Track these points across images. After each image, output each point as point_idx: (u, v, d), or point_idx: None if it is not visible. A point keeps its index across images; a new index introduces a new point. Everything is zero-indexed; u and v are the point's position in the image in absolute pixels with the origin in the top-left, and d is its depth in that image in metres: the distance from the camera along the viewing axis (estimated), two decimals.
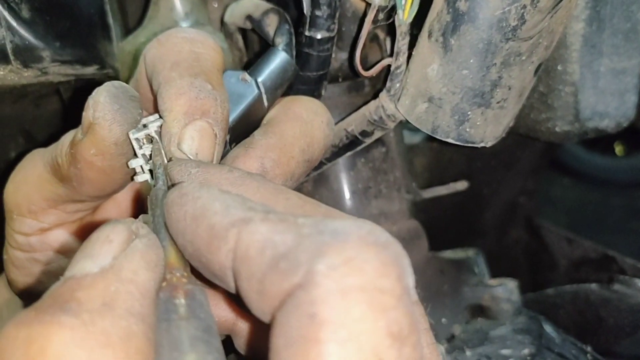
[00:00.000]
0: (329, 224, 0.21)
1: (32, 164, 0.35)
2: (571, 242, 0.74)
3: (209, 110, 0.29)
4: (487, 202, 0.78)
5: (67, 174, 0.32)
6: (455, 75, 0.39)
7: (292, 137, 0.33)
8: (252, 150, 0.32)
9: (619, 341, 0.56)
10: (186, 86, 0.29)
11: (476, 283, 0.55)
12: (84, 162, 0.31)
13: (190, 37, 0.32)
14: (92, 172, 0.31)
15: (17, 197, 0.35)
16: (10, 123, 0.49)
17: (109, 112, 0.29)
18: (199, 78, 0.30)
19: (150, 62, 0.32)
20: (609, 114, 0.52)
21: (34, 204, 0.34)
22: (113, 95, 0.30)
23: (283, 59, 0.38)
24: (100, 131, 0.29)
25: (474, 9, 0.37)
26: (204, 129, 0.29)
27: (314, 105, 0.36)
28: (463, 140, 0.41)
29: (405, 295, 0.20)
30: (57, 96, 0.49)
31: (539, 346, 0.48)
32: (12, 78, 0.40)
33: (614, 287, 0.58)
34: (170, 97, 0.29)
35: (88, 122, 0.30)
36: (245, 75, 0.36)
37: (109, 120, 0.29)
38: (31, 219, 0.35)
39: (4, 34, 0.38)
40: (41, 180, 0.34)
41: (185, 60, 0.31)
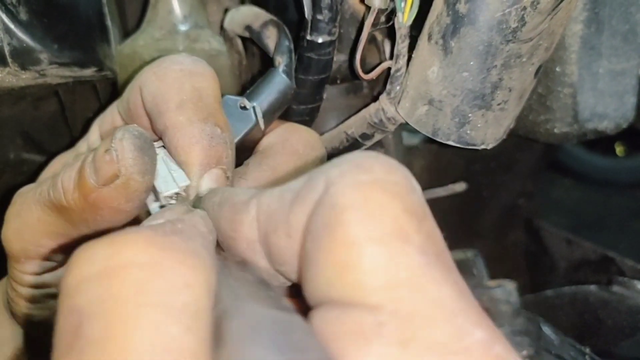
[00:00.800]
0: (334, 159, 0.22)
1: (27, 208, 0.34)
2: (570, 243, 0.74)
3: (222, 156, 0.30)
4: (486, 204, 0.77)
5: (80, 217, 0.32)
6: (455, 77, 0.39)
7: (286, 172, 0.34)
8: (243, 182, 0.32)
9: (618, 343, 0.56)
10: (198, 134, 0.30)
11: (475, 284, 0.54)
12: (109, 209, 0.30)
13: (189, 70, 0.32)
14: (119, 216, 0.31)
15: (22, 244, 0.34)
16: (9, 125, 0.48)
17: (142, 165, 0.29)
18: (208, 123, 0.30)
19: (151, 99, 0.32)
20: (608, 115, 0.52)
21: (43, 247, 0.34)
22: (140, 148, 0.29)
23: (283, 83, 0.38)
24: (134, 185, 0.29)
25: (474, 11, 0.37)
26: (219, 177, 0.30)
27: (312, 139, 0.36)
28: (464, 142, 0.41)
29: (414, 189, 0.21)
30: (55, 98, 0.49)
31: (538, 348, 0.48)
32: (10, 80, 0.40)
33: (613, 289, 0.58)
34: (184, 148, 0.30)
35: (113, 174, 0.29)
36: (245, 102, 0.36)
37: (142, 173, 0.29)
38: (41, 260, 0.35)
39: (1, 37, 0.38)
40: (43, 224, 0.33)
41: (190, 100, 0.31)
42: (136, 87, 0.33)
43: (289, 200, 0.21)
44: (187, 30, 0.46)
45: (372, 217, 0.19)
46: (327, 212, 0.20)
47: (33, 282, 0.35)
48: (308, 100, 0.44)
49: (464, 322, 0.19)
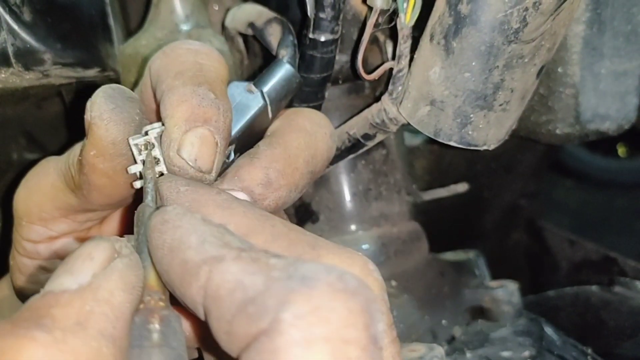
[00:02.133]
0: (299, 267, 0.21)
1: (45, 172, 0.35)
2: (572, 244, 0.74)
3: (210, 118, 0.29)
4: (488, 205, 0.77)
5: (77, 182, 0.32)
6: (457, 78, 0.39)
7: (297, 149, 0.33)
8: (257, 161, 0.32)
9: (620, 343, 0.56)
10: (189, 94, 0.30)
11: (477, 285, 0.55)
12: (88, 166, 0.31)
13: (195, 49, 0.32)
14: (96, 176, 0.31)
15: (29, 205, 0.35)
16: (12, 125, 0.49)
17: (105, 111, 0.30)
18: (202, 87, 0.30)
19: (155, 73, 0.32)
20: (610, 116, 0.52)
21: (46, 212, 0.34)
22: (109, 95, 0.30)
23: (288, 71, 0.38)
24: (97, 131, 0.30)
25: (476, 12, 0.37)
26: (204, 136, 0.29)
27: (317, 117, 0.36)
28: (465, 143, 0.41)
29: (370, 345, 0.20)
30: (58, 98, 0.49)
31: (540, 348, 0.48)
32: (13, 81, 0.40)
33: (615, 289, 0.58)
34: (172, 103, 0.29)
35: (87, 123, 0.30)
36: (251, 86, 0.36)
37: (105, 119, 0.30)
38: (41, 226, 0.35)
39: (5, 37, 0.38)
40: (54, 189, 0.34)
41: (189, 69, 0.31)
42: (147, 67, 0.33)
43: (238, 302, 0.21)
44: (189, 30, 0.46)
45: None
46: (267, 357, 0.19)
47: (29, 249, 0.36)
48: (310, 98, 0.44)
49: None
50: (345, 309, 0.20)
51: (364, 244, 0.50)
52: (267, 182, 0.31)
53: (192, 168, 0.29)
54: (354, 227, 0.51)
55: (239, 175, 0.31)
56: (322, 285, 0.20)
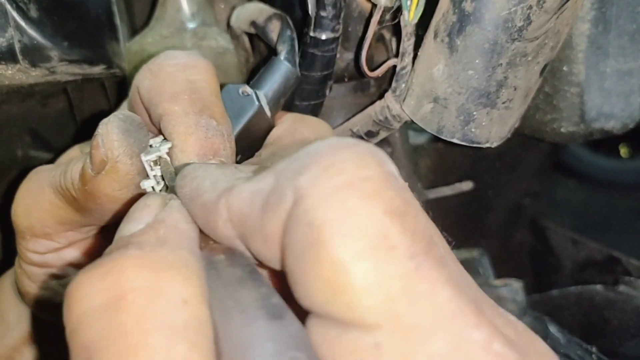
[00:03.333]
0: (302, 150, 0.21)
1: (40, 189, 0.34)
2: (576, 243, 0.74)
3: (219, 148, 0.30)
4: (492, 204, 0.77)
5: (85, 207, 0.32)
6: (460, 75, 0.39)
7: None
8: None
9: (624, 342, 0.56)
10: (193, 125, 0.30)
11: (481, 284, 0.54)
12: (107, 198, 0.31)
13: (183, 64, 0.32)
14: (117, 205, 0.31)
15: (30, 221, 0.35)
16: (17, 122, 0.49)
17: (127, 147, 0.29)
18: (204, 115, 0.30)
19: (146, 94, 0.32)
20: (614, 115, 0.52)
21: (49, 227, 0.34)
22: (124, 130, 0.29)
23: (285, 69, 0.38)
24: (123, 168, 0.29)
25: (480, 10, 0.37)
26: None
27: (320, 127, 0.36)
28: (468, 140, 0.41)
29: (390, 177, 0.20)
30: (64, 95, 0.49)
31: None
32: (19, 77, 0.40)
33: (619, 289, 0.58)
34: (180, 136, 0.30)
35: (101, 160, 0.29)
36: (246, 88, 0.36)
37: (129, 155, 0.29)
38: (46, 239, 0.35)
39: (12, 34, 0.38)
40: (54, 206, 0.33)
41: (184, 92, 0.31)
42: (134, 85, 0.33)
43: (259, 205, 0.21)
44: (195, 28, 0.46)
45: (353, 230, 0.19)
46: (304, 229, 0.19)
47: (36, 260, 0.36)
48: (311, 96, 0.44)
49: (462, 326, 0.18)
50: (355, 155, 0.20)
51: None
52: None
53: None
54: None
55: None
56: (326, 148, 0.21)
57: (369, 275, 0.18)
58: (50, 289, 0.37)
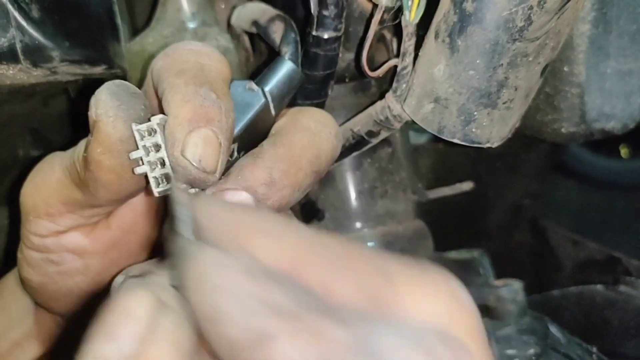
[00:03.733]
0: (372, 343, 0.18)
1: (51, 167, 0.35)
2: (576, 243, 0.74)
3: (213, 118, 0.29)
4: (492, 204, 0.78)
5: (83, 178, 0.32)
6: (461, 75, 0.39)
7: (301, 148, 0.33)
8: (260, 161, 0.31)
9: (625, 343, 0.56)
10: (191, 93, 0.29)
11: (481, 284, 0.55)
12: (94, 163, 0.31)
13: (197, 49, 0.33)
14: (103, 173, 0.31)
15: (35, 200, 0.35)
16: (19, 122, 0.49)
17: (111, 108, 0.29)
18: (204, 87, 0.30)
19: (157, 73, 0.32)
20: (615, 115, 0.52)
21: (52, 207, 0.35)
22: (113, 92, 0.30)
23: (290, 68, 0.38)
24: (104, 128, 0.30)
25: (481, 10, 0.37)
26: (208, 137, 0.29)
27: (322, 117, 0.36)
28: (469, 140, 0.41)
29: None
30: (65, 95, 0.50)
31: (545, 347, 0.48)
32: (21, 77, 0.40)
33: (620, 289, 0.58)
34: (176, 102, 0.29)
35: (92, 121, 0.30)
36: (252, 85, 0.36)
37: (111, 116, 0.29)
38: (48, 221, 0.35)
39: (13, 34, 0.39)
40: (60, 184, 0.34)
41: (191, 69, 0.31)
42: (149, 68, 0.33)
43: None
44: (195, 28, 0.46)
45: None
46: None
47: (37, 244, 0.36)
48: (313, 95, 0.44)
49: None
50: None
51: (369, 242, 0.51)
52: (271, 182, 0.31)
53: (196, 169, 0.29)
54: (360, 225, 0.51)
55: (242, 175, 0.31)
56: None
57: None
58: (47, 275, 0.37)
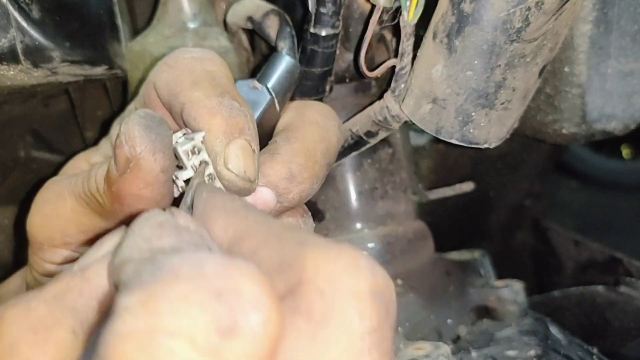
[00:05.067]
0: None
1: (60, 197, 0.34)
2: (578, 244, 0.73)
3: (244, 127, 0.30)
4: (493, 205, 0.77)
5: (111, 211, 0.32)
6: (459, 76, 0.39)
7: (314, 142, 0.34)
8: (278, 156, 0.32)
9: (625, 343, 0.56)
10: (216, 106, 0.30)
11: (482, 284, 0.55)
12: (132, 198, 0.30)
13: (199, 57, 0.33)
14: (143, 204, 0.31)
15: (49, 231, 0.34)
16: (19, 122, 0.49)
17: (149, 143, 0.29)
18: (225, 97, 0.30)
19: (165, 87, 0.32)
20: (616, 116, 0.52)
21: (70, 237, 0.34)
22: (146, 126, 0.29)
23: (288, 63, 0.38)
24: (146, 165, 0.29)
25: (479, 11, 0.37)
26: (245, 147, 0.30)
27: (326, 110, 0.37)
28: (467, 141, 0.41)
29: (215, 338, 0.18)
30: (65, 96, 0.50)
31: (545, 347, 0.48)
32: (22, 78, 0.40)
33: (621, 290, 0.58)
34: (204, 117, 0.30)
35: (125, 158, 0.29)
36: (256, 83, 0.36)
37: (151, 151, 0.29)
38: (65, 249, 0.35)
39: (14, 34, 0.39)
40: (77, 214, 0.33)
41: (203, 79, 0.31)
42: (149, 82, 0.33)
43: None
44: (196, 28, 0.46)
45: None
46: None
47: (53, 271, 0.36)
48: (311, 92, 0.44)
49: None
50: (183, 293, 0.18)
51: (369, 243, 0.51)
52: (291, 176, 0.32)
53: (242, 180, 0.29)
54: (360, 226, 0.51)
55: (262, 172, 0.31)
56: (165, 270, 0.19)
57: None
58: None
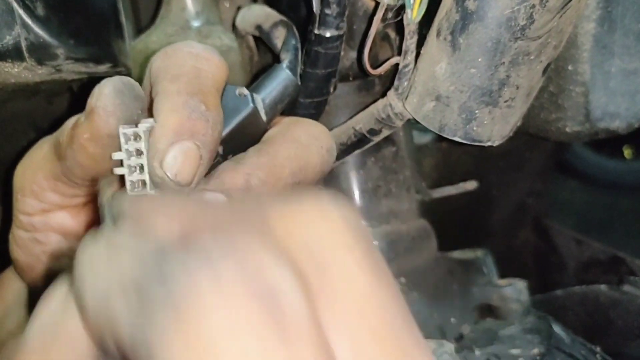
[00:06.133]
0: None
1: (39, 146, 0.36)
2: (580, 243, 0.73)
3: (198, 131, 0.30)
4: (496, 203, 0.77)
5: (64, 152, 0.33)
6: (463, 74, 0.39)
7: (284, 159, 0.34)
8: (240, 166, 0.32)
9: (628, 343, 0.56)
10: (180, 104, 0.30)
11: (485, 283, 0.55)
12: (78, 144, 0.32)
13: (196, 52, 0.33)
14: (83, 156, 0.32)
15: (23, 179, 0.37)
16: (23, 119, 0.49)
17: (110, 104, 0.30)
18: (194, 97, 0.31)
19: (154, 72, 0.33)
20: (619, 114, 0.52)
21: (36, 183, 0.36)
22: (118, 89, 0.31)
23: (285, 77, 0.39)
24: (97, 120, 0.31)
25: (483, 8, 0.37)
26: (189, 150, 0.30)
27: (315, 129, 0.36)
28: (470, 138, 0.41)
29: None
30: (69, 94, 0.50)
31: (549, 346, 0.48)
32: (26, 75, 0.40)
33: (624, 289, 0.58)
34: (164, 111, 0.30)
35: (89, 108, 0.31)
36: (243, 90, 0.36)
37: (108, 112, 0.30)
38: (33, 199, 0.36)
39: (18, 32, 0.39)
40: (44, 159, 0.35)
41: (186, 74, 0.31)
42: (149, 65, 0.34)
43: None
44: (199, 27, 0.46)
45: None
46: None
47: (24, 222, 0.37)
48: (315, 93, 0.44)
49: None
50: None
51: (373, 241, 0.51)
52: (247, 188, 0.32)
53: (172, 181, 0.29)
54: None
55: (221, 178, 0.32)
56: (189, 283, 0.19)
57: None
58: (34, 255, 0.38)
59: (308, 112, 0.45)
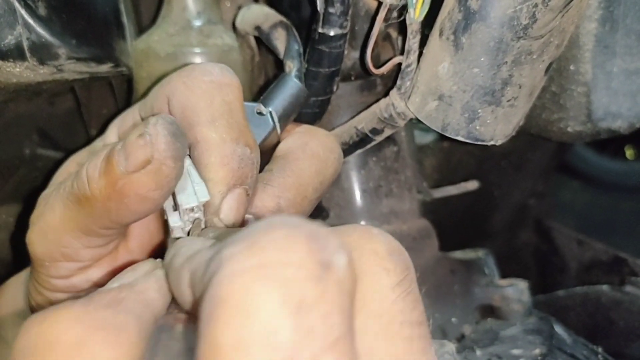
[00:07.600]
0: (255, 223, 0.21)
1: (50, 209, 0.34)
2: (581, 244, 0.73)
3: (247, 177, 0.31)
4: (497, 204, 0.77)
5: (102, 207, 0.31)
6: (465, 73, 0.39)
7: (309, 177, 0.34)
8: (270, 189, 0.33)
9: (630, 343, 0.56)
10: (229, 155, 0.31)
11: (486, 283, 0.54)
12: (136, 198, 0.30)
13: (218, 82, 0.32)
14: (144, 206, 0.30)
15: (46, 245, 0.34)
16: (25, 121, 0.49)
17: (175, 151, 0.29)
18: (240, 143, 0.31)
19: (180, 110, 0.32)
20: (621, 114, 0.52)
21: (65, 245, 0.33)
22: (173, 133, 0.29)
23: (296, 87, 0.39)
24: (166, 170, 0.29)
25: (486, 8, 0.37)
26: (240, 197, 0.31)
27: (329, 141, 0.37)
28: (473, 138, 0.41)
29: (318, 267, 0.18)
30: (71, 94, 0.50)
31: (550, 346, 0.47)
32: (27, 75, 0.40)
33: (625, 289, 0.58)
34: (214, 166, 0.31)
35: (145, 159, 0.29)
36: (261, 108, 0.37)
37: (174, 159, 0.29)
38: (67, 261, 0.34)
39: (20, 31, 0.39)
40: (66, 220, 0.33)
41: (222, 116, 0.31)
42: (163, 95, 0.33)
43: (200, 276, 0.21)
44: (201, 26, 0.46)
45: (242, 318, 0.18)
46: (206, 305, 0.19)
47: (61, 286, 0.35)
48: (319, 92, 0.44)
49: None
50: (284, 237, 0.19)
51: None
52: (278, 210, 0.33)
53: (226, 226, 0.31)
54: (364, 224, 0.51)
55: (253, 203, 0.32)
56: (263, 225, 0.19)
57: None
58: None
59: (312, 110, 0.45)
